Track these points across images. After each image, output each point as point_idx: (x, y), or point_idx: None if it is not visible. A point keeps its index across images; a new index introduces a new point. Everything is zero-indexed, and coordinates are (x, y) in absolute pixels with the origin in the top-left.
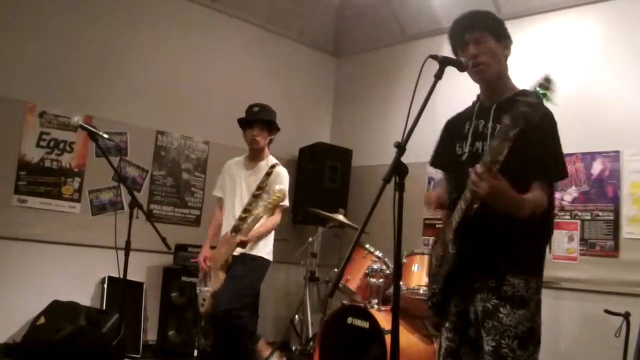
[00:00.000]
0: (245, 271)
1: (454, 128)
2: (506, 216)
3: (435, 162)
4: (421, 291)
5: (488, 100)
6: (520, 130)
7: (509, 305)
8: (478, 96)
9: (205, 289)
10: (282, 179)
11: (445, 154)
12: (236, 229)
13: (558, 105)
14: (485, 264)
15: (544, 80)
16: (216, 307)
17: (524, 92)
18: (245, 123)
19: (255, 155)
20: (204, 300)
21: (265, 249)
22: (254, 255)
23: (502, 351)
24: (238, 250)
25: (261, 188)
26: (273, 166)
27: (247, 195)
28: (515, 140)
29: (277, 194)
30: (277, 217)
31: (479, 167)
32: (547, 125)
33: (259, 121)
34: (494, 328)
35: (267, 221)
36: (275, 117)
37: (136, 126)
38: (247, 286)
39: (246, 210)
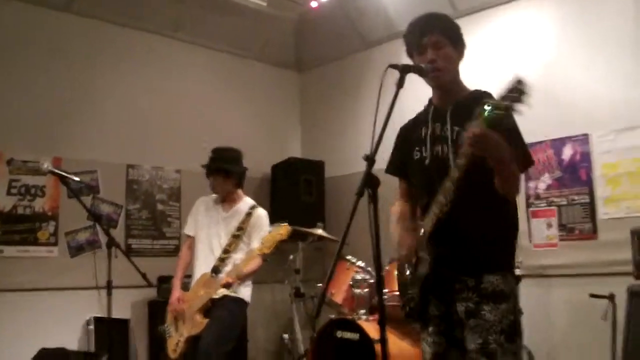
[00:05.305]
0: (228, 314)
1: (408, 134)
2: (477, 218)
3: (390, 169)
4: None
5: (442, 104)
6: None
7: (492, 301)
8: (430, 100)
9: (177, 333)
10: (265, 223)
11: (402, 160)
12: (216, 270)
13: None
14: (462, 265)
15: (517, 82)
16: (200, 349)
17: (483, 94)
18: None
19: (228, 198)
20: (177, 345)
21: (246, 292)
22: (235, 297)
23: (490, 347)
24: (219, 293)
25: (242, 229)
26: (253, 207)
27: (225, 236)
28: None
29: (269, 243)
30: (259, 261)
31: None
32: (511, 125)
33: (216, 170)
34: (479, 326)
35: (252, 264)
36: (236, 160)
37: (106, 163)
38: (232, 329)
39: (226, 251)
